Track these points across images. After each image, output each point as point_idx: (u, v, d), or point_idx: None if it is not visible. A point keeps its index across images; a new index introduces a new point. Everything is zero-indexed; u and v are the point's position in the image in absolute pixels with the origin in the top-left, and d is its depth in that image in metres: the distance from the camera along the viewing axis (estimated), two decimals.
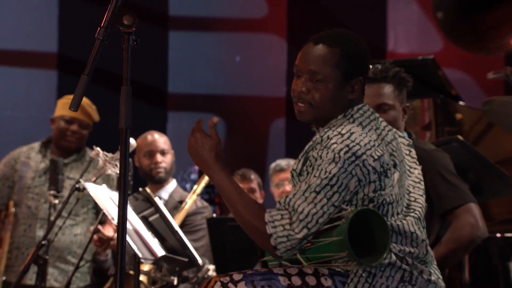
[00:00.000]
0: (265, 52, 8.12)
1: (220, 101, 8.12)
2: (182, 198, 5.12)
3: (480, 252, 4.46)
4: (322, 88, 2.73)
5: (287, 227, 2.60)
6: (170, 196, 5.16)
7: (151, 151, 5.16)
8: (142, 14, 7.57)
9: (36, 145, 5.44)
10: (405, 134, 3.74)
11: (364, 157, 2.63)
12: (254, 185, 5.96)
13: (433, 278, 2.72)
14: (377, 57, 6.84)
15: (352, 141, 2.64)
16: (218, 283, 2.63)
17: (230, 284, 2.62)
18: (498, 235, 4.54)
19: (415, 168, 2.85)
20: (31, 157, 5.36)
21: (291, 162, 5.81)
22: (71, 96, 2.59)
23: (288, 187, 5.75)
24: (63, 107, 5.38)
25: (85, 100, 5.35)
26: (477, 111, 5.10)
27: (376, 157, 2.65)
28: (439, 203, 3.63)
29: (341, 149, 2.62)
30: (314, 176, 2.63)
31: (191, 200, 5.01)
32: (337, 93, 2.73)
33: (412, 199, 2.78)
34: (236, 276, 2.64)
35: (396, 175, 2.71)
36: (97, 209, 5.18)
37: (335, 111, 2.75)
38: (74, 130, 5.32)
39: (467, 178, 4.06)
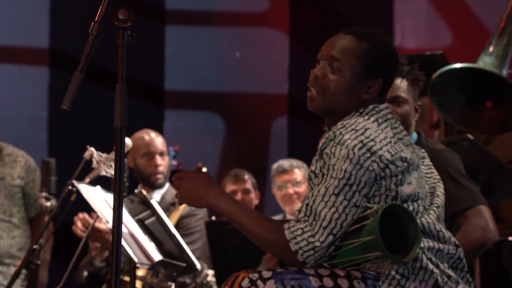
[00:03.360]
0: (266, 48, 8.12)
1: (219, 99, 8.13)
2: (175, 199, 5.11)
3: (491, 256, 4.47)
4: (338, 76, 2.76)
5: (311, 239, 2.62)
6: (163, 197, 5.16)
7: (150, 153, 5.14)
8: (138, 8, 7.57)
9: None
10: (414, 134, 3.76)
11: (380, 152, 2.65)
12: (249, 185, 5.94)
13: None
14: None
15: (367, 137, 2.66)
16: (246, 279, 2.64)
17: (259, 281, 2.63)
18: (510, 238, 4.55)
19: (431, 173, 2.87)
20: None
21: (294, 162, 5.80)
22: None
23: (291, 190, 5.75)
24: None
25: None
26: None
27: (393, 153, 2.67)
28: (448, 204, 3.64)
29: (355, 145, 2.64)
30: (331, 177, 2.64)
31: None
32: (352, 86, 2.76)
33: (435, 196, 2.80)
34: (266, 274, 2.65)
35: (415, 174, 2.72)
36: (25, 204, 5.17)
37: (346, 105, 2.76)
38: None
39: (478, 179, 4.07)
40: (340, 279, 2.64)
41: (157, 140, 5.20)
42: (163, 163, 5.15)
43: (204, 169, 5.12)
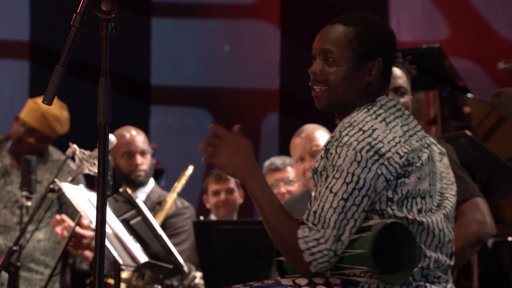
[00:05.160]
0: (256, 41, 8.13)
1: (207, 94, 8.13)
2: (161, 198, 5.12)
3: (490, 258, 4.49)
4: (335, 68, 2.78)
5: (326, 252, 2.64)
6: (148, 197, 5.15)
7: (130, 152, 5.12)
8: None
9: None
10: None
11: (388, 154, 2.66)
12: (232, 184, 5.93)
13: None
14: None
15: (375, 139, 2.67)
16: None
17: None
18: (510, 238, 4.57)
19: (447, 173, 2.89)
20: None
21: (287, 160, 5.80)
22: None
23: (283, 188, 5.75)
24: (29, 112, 5.39)
25: (54, 112, 5.36)
26: (486, 104, 5.12)
27: (402, 153, 2.68)
28: None
29: (362, 148, 2.65)
30: (335, 178, 2.65)
31: (171, 199, 5.02)
32: (352, 74, 2.78)
33: (444, 198, 2.82)
34: None
35: (427, 168, 2.73)
36: (62, 213, 5.16)
37: (352, 93, 2.78)
38: (31, 143, 5.34)
39: (476, 177, 4.09)
40: (319, 286, 2.66)
41: (138, 139, 5.17)
42: (144, 161, 5.14)
43: (190, 168, 5.13)
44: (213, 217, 5.96)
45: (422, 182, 2.72)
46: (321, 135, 4.47)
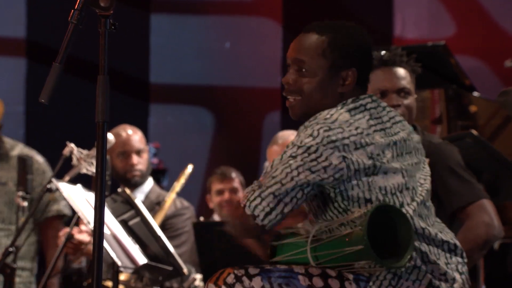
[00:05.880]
0: (258, 38, 8.12)
1: (208, 92, 8.13)
2: (160, 198, 5.12)
3: (496, 260, 4.49)
4: (308, 77, 2.81)
5: (256, 188, 2.68)
6: (146, 197, 5.15)
7: (126, 152, 5.11)
8: None
9: None
10: (411, 128, 3.79)
11: (345, 141, 2.68)
12: (236, 184, 5.94)
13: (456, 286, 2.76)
14: (383, 43, 6.86)
15: (333, 122, 2.70)
16: (232, 275, 2.69)
17: (244, 278, 2.68)
18: None
19: (424, 161, 2.90)
20: None
21: None
22: None
23: None
24: None
25: None
26: (493, 103, 5.12)
27: (359, 145, 2.69)
28: (449, 200, 3.67)
29: (321, 127, 2.69)
30: (290, 148, 2.70)
31: (170, 200, 5.01)
32: (325, 84, 2.80)
33: (423, 189, 2.83)
34: (252, 270, 2.70)
35: (395, 165, 2.73)
36: (34, 218, 5.11)
37: (325, 103, 2.80)
38: None
39: (482, 177, 4.09)
40: (331, 279, 2.68)
41: (134, 138, 5.16)
42: (140, 161, 5.12)
43: (190, 167, 5.12)
44: (216, 217, 5.97)
45: (393, 176, 2.72)
46: None
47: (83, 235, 4.56)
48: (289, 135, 4.52)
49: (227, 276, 2.68)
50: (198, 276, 4.70)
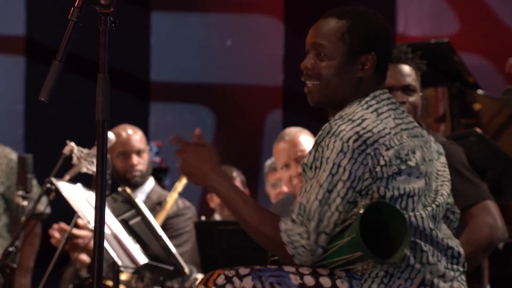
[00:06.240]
0: (259, 36, 8.12)
1: (209, 91, 8.13)
2: (161, 198, 5.12)
3: (501, 260, 4.48)
4: (327, 61, 2.81)
5: (308, 247, 2.67)
6: (148, 197, 5.15)
7: (126, 152, 5.11)
8: None
9: None
10: None
11: (376, 145, 2.68)
12: (237, 183, 5.94)
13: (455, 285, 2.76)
14: None
15: (364, 128, 2.69)
16: (222, 276, 2.68)
17: (235, 278, 2.67)
18: None
19: (444, 171, 2.91)
20: None
21: None
22: None
23: (285, 188, 5.75)
24: None
25: None
26: (497, 101, 5.12)
27: (389, 146, 2.69)
28: (453, 200, 3.66)
29: (350, 137, 2.68)
30: (323, 170, 2.68)
31: (172, 199, 5.01)
32: (343, 69, 2.80)
33: (439, 195, 2.84)
34: (243, 270, 2.69)
35: (423, 168, 2.75)
36: (10, 211, 5.12)
37: (344, 89, 2.80)
38: None
39: (486, 176, 4.09)
40: (322, 277, 2.68)
41: (134, 138, 5.16)
42: (140, 161, 5.12)
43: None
44: (217, 216, 5.97)
45: (417, 181, 2.73)
46: (305, 139, 4.46)
47: (80, 229, 4.57)
48: (296, 132, 4.51)
49: (217, 277, 2.68)
50: (199, 276, 4.70)
